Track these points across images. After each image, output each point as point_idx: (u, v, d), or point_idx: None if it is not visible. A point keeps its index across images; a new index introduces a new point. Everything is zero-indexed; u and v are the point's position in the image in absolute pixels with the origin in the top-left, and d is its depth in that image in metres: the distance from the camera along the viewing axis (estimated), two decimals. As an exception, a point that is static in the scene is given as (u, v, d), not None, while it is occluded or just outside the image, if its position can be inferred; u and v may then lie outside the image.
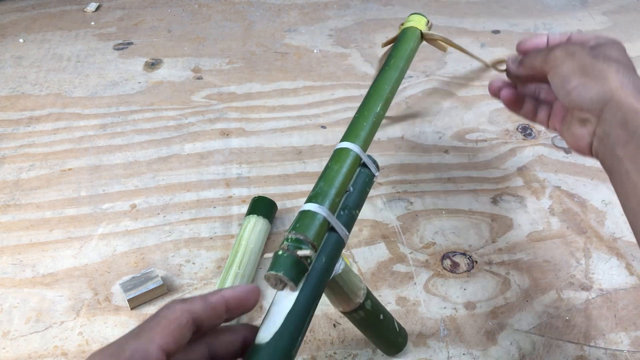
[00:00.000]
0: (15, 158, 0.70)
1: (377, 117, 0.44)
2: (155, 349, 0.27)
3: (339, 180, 0.39)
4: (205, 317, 0.30)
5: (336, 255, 0.37)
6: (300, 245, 0.34)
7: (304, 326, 0.33)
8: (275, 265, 0.33)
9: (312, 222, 0.36)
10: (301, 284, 0.34)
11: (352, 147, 0.41)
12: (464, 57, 0.85)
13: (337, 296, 0.40)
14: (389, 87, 0.46)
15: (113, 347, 0.27)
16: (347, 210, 0.39)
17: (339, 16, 0.95)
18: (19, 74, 0.85)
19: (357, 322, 0.44)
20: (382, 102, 0.45)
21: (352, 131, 0.43)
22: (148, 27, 0.94)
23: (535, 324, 0.51)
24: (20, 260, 0.59)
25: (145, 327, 0.28)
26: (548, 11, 0.94)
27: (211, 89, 0.80)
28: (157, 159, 0.70)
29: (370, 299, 0.43)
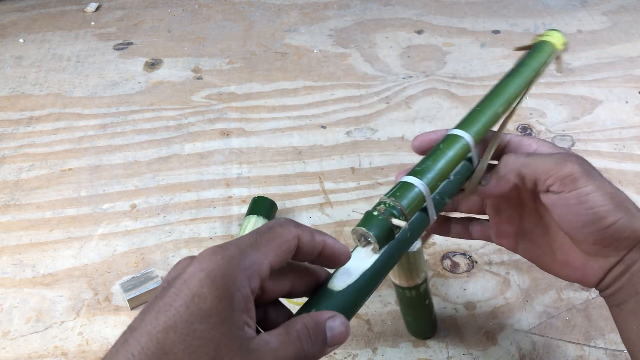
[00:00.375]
0: (15, 158, 0.70)
1: (495, 115, 0.43)
2: (267, 264, 0.28)
3: (445, 164, 0.39)
4: (305, 250, 0.30)
5: (419, 233, 0.38)
6: (394, 213, 0.35)
7: (374, 288, 0.34)
8: (367, 224, 0.34)
9: (411, 195, 0.36)
10: (384, 249, 0.35)
11: (465, 137, 0.40)
12: (464, 57, 0.85)
13: (403, 270, 0.42)
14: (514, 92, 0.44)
15: (233, 250, 0.27)
16: (441, 196, 0.39)
17: (339, 16, 0.95)
18: (19, 74, 0.85)
19: (406, 299, 0.46)
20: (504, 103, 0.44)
21: (468, 122, 0.42)
22: (148, 27, 0.94)
23: (535, 324, 0.51)
24: (20, 260, 0.59)
25: (262, 239, 0.28)
26: (548, 11, 0.94)
27: (211, 89, 0.80)
28: (157, 159, 0.70)
29: (426, 284, 0.45)
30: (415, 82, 0.80)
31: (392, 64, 0.84)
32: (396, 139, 0.71)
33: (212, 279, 0.26)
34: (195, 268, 0.26)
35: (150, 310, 0.26)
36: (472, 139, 0.40)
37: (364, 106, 0.76)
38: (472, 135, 0.40)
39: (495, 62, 0.83)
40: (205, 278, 0.26)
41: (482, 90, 0.78)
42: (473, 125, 0.41)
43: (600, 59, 0.83)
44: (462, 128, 0.41)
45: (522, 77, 0.45)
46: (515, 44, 0.87)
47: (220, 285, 0.26)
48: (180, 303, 0.26)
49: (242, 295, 0.27)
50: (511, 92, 0.44)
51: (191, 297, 0.26)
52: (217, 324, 0.25)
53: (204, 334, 0.25)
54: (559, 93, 0.77)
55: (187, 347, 0.25)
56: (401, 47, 0.87)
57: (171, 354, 0.25)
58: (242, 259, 0.27)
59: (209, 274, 0.26)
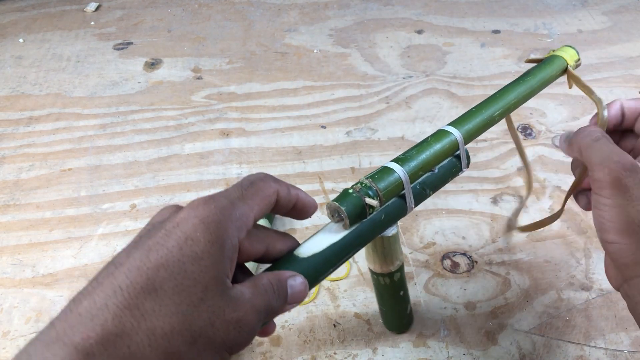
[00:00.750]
0: (15, 158, 0.70)
1: (490, 119, 0.43)
2: (252, 216, 0.29)
3: (429, 156, 0.40)
4: (282, 203, 0.32)
5: (395, 219, 0.39)
6: (369, 193, 0.36)
7: (339, 263, 0.35)
8: (341, 200, 0.35)
9: (389, 179, 0.37)
10: (354, 227, 0.36)
11: (454, 133, 0.41)
12: (464, 57, 0.85)
13: (377, 255, 0.43)
14: (515, 99, 0.45)
15: (224, 201, 0.29)
16: (422, 186, 0.40)
17: (339, 16, 0.95)
18: (18, 74, 0.85)
19: (380, 286, 0.47)
20: (501, 109, 0.44)
21: (461, 120, 0.43)
22: (148, 27, 0.94)
23: (536, 324, 0.51)
24: (20, 260, 0.59)
25: (247, 193, 0.30)
26: (548, 11, 0.94)
27: (211, 89, 0.80)
28: (157, 159, 0.70)
29: (401, 274, 0.46)
30: (416, 82, 0.80)
31: (392, 63, 0.84)
32: (396, 139, 0.71)
33: (206, 225, 0.27)
34: (189, 214, 0.27)
35: (138, 248, 0.27)
36: (461, 137, 0.41)
37: (364, 106, 0.76)
38: (462, 133, 0.41)
39: (495, 62, 0.83)
40: (199, 223, 0.27)
41: (482, 90, 0.78)
42: (464, 124, 0.42)
43: (600, 58, 0.83)
44: (454, 125, 0.42)
45: (526, 86, 0.46)
46: (515, 44, 0.87)
47: (214, 232, 0.27)
48: (173, 244, 0.26)
49: (231, 244, 0.28)
50: (511, 99, 0.45)
51: (184, 239, 0.26)
52: (207, 267, 0.26)
53: (195, 274, 0.26)
54: (559, 93, 0.77)
55: (177, 285, 0.26)
56: (401, 47, 0.87)
57: (160, 290, 0.25)
58: (232, 210, 0.28)
59: (203, 220, 0.27)
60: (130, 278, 0.26)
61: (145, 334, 0.25)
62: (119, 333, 0.24)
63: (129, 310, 0.25)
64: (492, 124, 0.44)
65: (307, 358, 0.49)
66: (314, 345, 0.50)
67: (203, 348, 0.26)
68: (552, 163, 0.67)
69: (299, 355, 0.50)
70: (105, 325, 0.24)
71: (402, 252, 0.45)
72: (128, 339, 0.25)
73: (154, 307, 0.25)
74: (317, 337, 0.51)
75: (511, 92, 0.45)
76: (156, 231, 0.28)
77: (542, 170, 0.66)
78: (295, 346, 0.50)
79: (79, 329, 0.24)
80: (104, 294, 0.25)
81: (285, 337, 0.51)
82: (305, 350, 0.50)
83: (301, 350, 0.50)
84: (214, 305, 0.27)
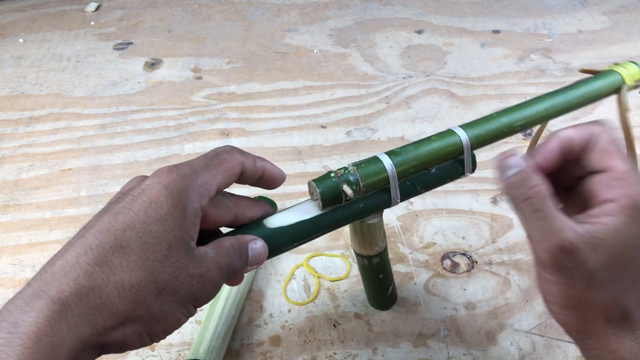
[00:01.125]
0: (15, 158, 0.70)
1: (509, 128, 0.40)
2: (215, 185, 0.31)
3: (426, 154, 0.38)
4: (248, 175, 0.34)
5: (376, 209, 0.39)
6: (350, 179, 0.36)
7: (306, 239, 0.36)
8: (319, 181, 0.36)
9: (374, 171, 0.37)
10: (329, 209, 0.36)
11: (460, 135, 0.38)
12: (464, 57, 0.85)
13: (357, 237, 0.44)
14: (544, 111, 0.40)
15: (187, 169, 0.31)
16: (414, 183, 0.39)
17: (339, 16, 0.95)
18: (18, 74, 0.85)
19: (361, 265, 0.48)
20: (525, 120, 0.40)
21: (474, 124, 0.40)
22: (148, 27, 0.94)
23: (536, 324, 0.51)
24: (20, 261, 0.59)
25: (210, 163, 0.32)
26: (548, 11, 0.94)
27: (211, 89, 0.80)
28: (157, 159, 0.70)
29: (380, 259, 0.47)
30: (415, 82, 0.80)
31: (392, 63, 0.84)
32: (396, 139, 0.71)
33: (169, 191, 0.29)
34: (153, 181, 0.30)
35: (107, 213, 0.30)
36: (467, 140, 0.38)
37: (364, 106, 0.76)
38: (470, 136, 0.39)
39: (495, 62, 0.83)
40: (162, 189, 0.29)
41: (482, 90, 0.78)
42: (475, 128, 0.39)
43: (601, 58, 0.83)
44: (463, 127, 0.39)
45: (562, 98, 0.41)
46: (515, 44, 0.87)
47: (176, 196, 0.29)
48: (139, 207, 0.29)
49: (193, 209, 0.30)
50: (539, 110, 0.40)
51: (149, 203, 0.29)
52: (170, 227, 0.29)
53: (159, 234, 0.29)
54: (559, 93, 0.77)
55: (142, 243, 0.28)
56: (401, 47, 0.87)
57: (128, 248, 0.28)
58: (195, 178, 0.30)
59: (166, 187, 0.29)
60: (99, 238, 0.28)
61: (115, 286, 0.27)
62: (91, 286, 0.27)
63: (99, 267, 0.27)
64: (511, 134, 0.40)
65: (307, 358, 0.49)
66: (314, 346, 0.50)
67: (168, 299, 0.29)
68: (552, 163, 0.67)
69: (299, 355, 0.50)
70: (77, 280, 0.27)
71: (383, 239, 0.45)
72: (99, 291, 0.27)
73: (121, 263, 0.28)
74: (317, 338, 0.51)
75: (541, 103, 0.41)
76: (124, 197, 0.30)
77: (542, 170, 0.66)
78: (295, 346, 0.50)
79: (54, 285, 0.27)
80: (75, 253, 0.28)
81: (285, 337, 0.51)
82: (305, 351, 0.50)
83: (301, 351, 0.50)
84: (178, 262, 0.29)
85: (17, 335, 0.25)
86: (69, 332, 0.26)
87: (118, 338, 0.28)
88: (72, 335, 0.26)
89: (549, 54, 0.84)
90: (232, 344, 0.51)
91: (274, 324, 0.52)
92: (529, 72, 0.81)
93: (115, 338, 0.28)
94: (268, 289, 0.55)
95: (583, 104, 0.42)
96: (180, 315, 0.30)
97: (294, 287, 0.55)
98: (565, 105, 0.41)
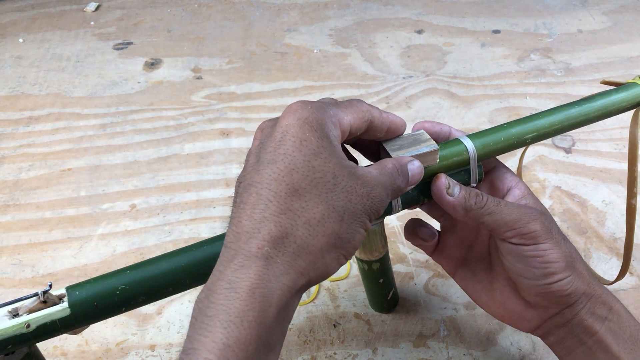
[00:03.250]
0: (15, 158, 0.70)
1: (519, 139, 0.39)
2: (347, 121, 0.33)
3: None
4: (376, 124, 0.35)
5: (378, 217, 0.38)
6: None
7: None
8: None
9: None
10: None
11: (468, 146, 0.38)
12: (464, 57, 0.85)
13: None
14: (558, 124, 0.39)
15: (317, 103, 0.32)
16: (418, 192, 0.39)
17: (339, 16, 0.95)
18: (18, 73, 0.85)
19: (361, 269, 0.49)
20: (537, 132, 0.39)
21: (482, 134, 0.39)
22: (148, 27, 0.94)
23: (536, 324, 0.51)
24: (20, 260, 0.58)
25: (341, 104, 0.34)
26: (548, 11, 0.94)
27: (211, 89, 0.80)
28: (157, 159, 0.70)
29: (381, 265, 0.47)
30: (415, 82, 0.80)
31: (392, 63, 0.84)
32: (396, 139, 0.71)
33: (310, 124, 0.31)
34: (291, 119, 0.31)
35: (262, 164, 0.30)
36: (474, 150, 0.38)
37: (364, 106, 0.76)
38: (477, 146, 0.38)
39: (495, 62, 0.83)
40: (304, 124, 0.31)
41: (482, 90, 0.78)
42: (483, 138, 0.39)
43: (601, 58, 0.83)
44: (471, 137, 0.39)
45: (578, 110, 0.40)
46: (515, 44, 0.87)
47: (318, 128, 0.31)
48: (293, 149, 0.30)
49: (335, 136, 0.32)
50: (552, 122, 0.39)
51: (300, 141, 0.30)
52: (327, 157, 0.30)
53: (321, 167, 0.30)
54: (559, 93, 0.77)
55: (311, 181, 0.30)
56: (401, 47, 0.87)
57: (301, 189, 0.30)
58: (326, 109, 0.32)
59: (306, 121, 0.31)
60: (272, 189, 0.29)
61: (304, 227, 0.29)
62: (283, 234, 0.29)
63: (284, 215, 0.29)
64: (521, 146, 0.40)
65: (307, 358, 0.49)
66: (314, 346, 0.50)
67: (350, 220, 0.31)
68: (552, 163, 0.67)
69: (299, 355, 0.50)
70: (271, 232, 0.29)
71: (384, 245, 0.45)
72: (292, 237, 0.29)
73: (301, 205, 0.29)
74: (317, 337, 0.51)
75: (555, 114, 0.40)
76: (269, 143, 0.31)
77: (542, 170, 0.66)
78: (295, 346, 0.50)
79: (253, 242, 0.29)
80: (258, 209, 0.29)
81: (285, 337, 0.51)
82: (305, 351, 0.50)
83: (301, 351, 0.50)
84: (347, 186, 0.31)
85: (233, 290, 0.27)
86: (277, 280, 0.28)
87: (320, 270, 0.30)
88: (279, 283, 0.28)
89: (549, 54, 0.84)
90: (232, 344, 0.50)
91: (274, 324, 0.52)
92: (529, 72, 0.81)
93: (318, 271, 0.30)
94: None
95: (600, 118, 0.41)
96: (362, 231, 0.32)
97: (294, 287, 0.55)
98: (581, 118, 0.40)
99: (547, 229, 0.37)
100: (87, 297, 0.33)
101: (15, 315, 0.32)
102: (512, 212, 0.37)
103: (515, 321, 0.40)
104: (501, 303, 0.40)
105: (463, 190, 0.38)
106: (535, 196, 0.40)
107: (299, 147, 0.30)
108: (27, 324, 0.32)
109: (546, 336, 0.40)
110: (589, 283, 0.38)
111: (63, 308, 0.32)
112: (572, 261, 0.37)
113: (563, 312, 0.38)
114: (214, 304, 0.27)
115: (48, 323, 0.32)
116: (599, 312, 0.37)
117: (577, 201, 0.62)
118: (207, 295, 0.28)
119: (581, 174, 0.66)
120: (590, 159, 0.67)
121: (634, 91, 0.41)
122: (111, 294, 0.33)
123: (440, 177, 0.38)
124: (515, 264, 0.38)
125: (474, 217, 0.37)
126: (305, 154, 0.30)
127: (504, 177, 0.41)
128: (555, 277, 0.37)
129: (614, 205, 0.62)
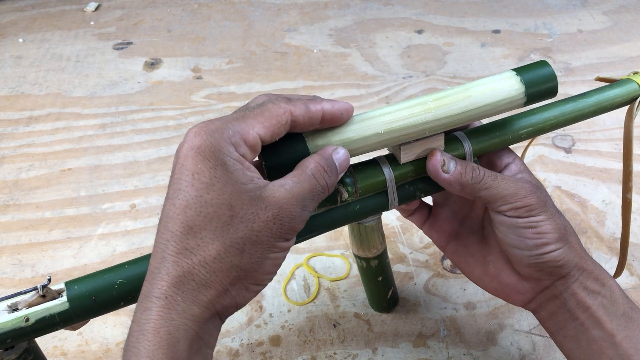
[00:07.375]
0: (15, 158, 0.70)
1: (514, 135, 0.39)
2: (254, 134, 0.30)
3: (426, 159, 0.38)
4: (302, 122, 0.32)
5: (373, 211, 0.38)
6: (346, 181, 0.36)
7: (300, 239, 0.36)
8: None
9: (372, 176, 0.37)
10: (323, 209, 0.36)
11: (463, 142, 0.39)
12: (464, 56, 0.85)
13: (355, 238, 0.45)
14: (553, 119, 0.40)
15: (217, 124, 0.30)
16: (414, 187, 0.39)
17: (339, 16, 0.95)
18: (18, 73, 0.85)
19: (359, 266, 0.49)
20: (532, 127, 0.39)
21: (476, 132, 0.39)
22: (148, 27, 0.94)
23: (536, 324, 0.51)
24: (20, 260, 0.58)
25: (250, 113, 0.31)
26: (548, 10, 0.94)
27: (211, 89, 0.80)
28: (157, 158, 0.70)
29: (379, 262, 0.47)
30: (416, 81, 0.80)
31: (392, 63, 0.84)
32: (396, 139, 0.71)
33: (202, 154, 0.29)
34: (186, 148, 0.29)
35: (166, 201, 0.30)
36: (469, 147, 0.38)
37: (364, 106, 0.76)
38: (473, 143, 0.39)
39: (495, 62, 0.83)
40: (196, 155, 0.29)
41: (482, 90, 0.78)
42: (478, 135, 0.39)
43: (601, 58, 0.83)
44: (467, 133, 0.39)
45: (572, 106, 0.40)
46: (515, 44, 0.87)
47: (211, 157, 0.29)
48: (185, 184, 0.29)
49: (233, 160, 0.29)
50: (547, 117, 0.40)
51: (191, 175, 0.29)
52: (221, 188, 0.29)
53: (214, 200, 0.29)
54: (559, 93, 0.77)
55: (205, 216, 0.29)
56: (401, 47, 0.87)
57: (195, 227, 0.29)
58: (224, 131, 0.30)
59: (198, 151, 0.29)
60: (169, 228, 0.29)
61: (200, 265, 0.29)
62: (181, 274, 0.29)
63: (181, 254, 0.29)
64: (516, 142, 0.40)
65: (307, 358, 0.49)
66: (313, 346, 0.50)
67: (253, 251, 0.29)
68: (552, 163, 0.67)
69: (299, 355, 0.50)
70: (169, 272, 0.29)
71: (382, 242, 0.45)
72: (190, 275, 0.29)
73: (197, 242, 0.29)
74: (317, 337, 0.51)
75: (550, 110, 0.40)
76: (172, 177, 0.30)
77: (542, 170, 0.66)
78: (295, 346, 0.50)
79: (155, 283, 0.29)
80: (159, 249, 0.29)
81: (285, 337, 0.51)
82: (305, 351, 0.50)
83: (301, 351, 0.50)
84: (246, 214, 0.29)
85: (141, 332, 0.28)
86: (180, 317, 0.28)
87: (227, 302, 0.30)
88: (184, 319, 0.28)
89: (549, 54, 0.84)
90: (232, 344, 0.51)
91: (274, 324, 0.52)
92: (529, 72, 0.81)
93: (225, 303, 0.30)
94: (268, 289, 0.55)
95: (595, 113, 0.41)
96: (275, 256, 0.31)
97: (294, 287, 0.55)
98: (576, 114, 0.41)
99: (542, 202, 0.37)
100: (85, 292, 0.33)
101: (15, 309, 0.33)
102: (509, 186, 0.37)
103: (509, 294, 0.40)
104: (494, 276, 0.40)
105: (459, 165, 0.37)
106: (530, 172, 0.40)
107: (191, 182, 0.29)
108: (26, 317, 0.32)
109: (538, 310, 0.40)
110: (581, 256, 0.38)
111: (62, 302, 0.32)
112: (565, 233, 0.37)
113: (555, 284, 0.38)
114: (128, 346, 0.28)
115: (47, 317, 0.32)
116: (592, 286, 0.37)
117: (577, 201, 0.62)
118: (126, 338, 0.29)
119: (581, 173, 0.66)
120: (590, 159, 0.67)
121: (628, 87, 0.42)
122: (110, 288, 0.33)
123: (436, 154, 0.37)
124: (508, 235, 0.38)
125: (471, 191, 0.37)
126: (197, 188, 0.29)
127: (502, 152, 0.40)
128: (548, 247, 0.37)
129: (613, 205, 0.62)
